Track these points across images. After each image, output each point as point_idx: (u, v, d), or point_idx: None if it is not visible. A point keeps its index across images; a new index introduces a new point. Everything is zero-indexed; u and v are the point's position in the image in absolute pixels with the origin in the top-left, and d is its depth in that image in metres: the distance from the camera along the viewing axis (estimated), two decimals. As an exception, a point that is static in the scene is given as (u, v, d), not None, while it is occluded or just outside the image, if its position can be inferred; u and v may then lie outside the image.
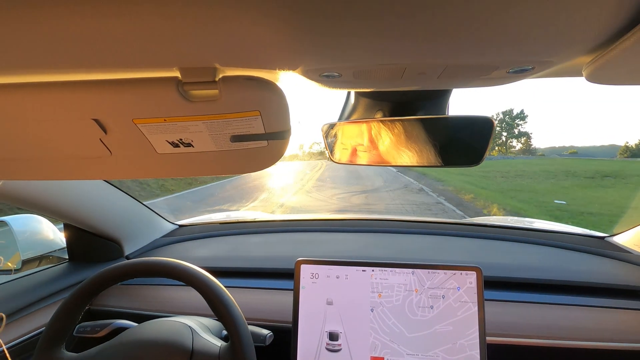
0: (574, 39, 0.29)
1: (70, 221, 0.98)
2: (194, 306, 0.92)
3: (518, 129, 64.72)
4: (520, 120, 64.33)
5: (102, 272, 0.66)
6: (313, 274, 0.76)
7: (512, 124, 64.30)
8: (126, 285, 1.03)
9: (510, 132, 65.51)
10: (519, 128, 64.97)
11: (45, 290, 0.90)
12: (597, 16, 0.26)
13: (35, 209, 0.87)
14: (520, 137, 65.17)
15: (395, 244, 1.14)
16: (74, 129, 0.39)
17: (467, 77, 0.39)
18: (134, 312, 0.95)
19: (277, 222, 1.36)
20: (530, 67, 0.35)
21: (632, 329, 0.78)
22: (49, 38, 0.27)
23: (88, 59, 0.31)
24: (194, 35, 0.27)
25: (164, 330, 0.67)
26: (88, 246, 1.05)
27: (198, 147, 0.42)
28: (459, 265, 0.72)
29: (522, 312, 0.84)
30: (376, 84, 0.43)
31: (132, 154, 0.43)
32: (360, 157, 0.62)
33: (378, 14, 0.25)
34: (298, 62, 0.34)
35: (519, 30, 0.27)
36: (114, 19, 0.25)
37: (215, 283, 0.65)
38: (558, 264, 0.98)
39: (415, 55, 0.32)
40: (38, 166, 0.48)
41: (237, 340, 0.61)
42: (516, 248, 1.09)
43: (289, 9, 0.24)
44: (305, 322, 0.74)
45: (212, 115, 0.37)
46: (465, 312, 0.70)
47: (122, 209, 1.09)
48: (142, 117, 0.37)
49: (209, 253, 1.15)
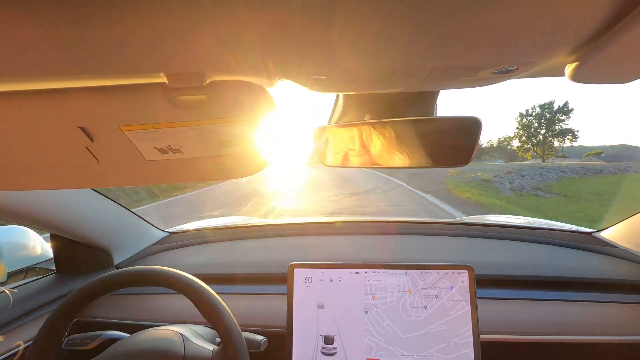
0: (556, 40, 0.30)
1: (57, 231, 0.95)
2: (186, 314, 0.90)
3: (560, 126, 51.20)
4: (563, 115, 50.98)
5: (91, 282, 0.65)
6: (306, 277, 0.76)
7: (553, 119, 51.51)
8: (116, 295, 1.01)
9: (550, 129, 52.18)
10: (561, 124, 51.21)
11: (32, 303, 0.88)
12: (577, 17, 0.26)
13: (20, 220, 0.85)
14: (563, 136, 51.67)
15: (388, 246, 1.15)
16: (59, 138, 0.38)
17: (454, 78, 0.39)
18: (125, 322, 0.93)
19: (269, 226, 1.35)
20: (514, 68, 0.36)
21: (620, 322, 0.80)
22: (32, 45, 0.26)
23: (72, 66, 0.31)
24: (181, 41, 0.27)
25: (154, 340, 0.66)
26: (76, 256, 1.03)
27: (187, 153, 0.41)
28: (451, 265, 0.73)
29: (514, 308, 0.85)
30: (365, 87, 0.43)
31: (119, 161, 0.43)
32: (350, 159, 0.62)
33: (364, 18, 0.25)
34: (286, 66, 0.34)
35: (502, 32, 0.28)
36: (99, 26, 0.24)
37: (203, 287, 0.64)
38: (547, 260, 0.99)
39: (403, 58, 0.32)
40: (22, 176, 0.47)
41: (228, 341, 0.60)
42: (506, 246, 1.10)
43: (277, 15, 0.24)
44: (299, 327, 0.74)
45: (201, 120, 0.36)
46: (459, 310, 0.70)
47: (110, 217, 1.07)
48: (129, 124, 0.36)
49: (201, 260, 1.14)
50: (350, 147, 0.61)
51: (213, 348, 0.65)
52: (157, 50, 0.28)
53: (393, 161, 0.58)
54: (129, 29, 0.25)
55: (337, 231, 1.27)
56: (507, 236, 1.15)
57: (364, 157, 0.60)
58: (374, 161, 0.60)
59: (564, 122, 51.68)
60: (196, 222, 1.54)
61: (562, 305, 0.85)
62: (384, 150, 0.58)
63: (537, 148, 53.03)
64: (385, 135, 0.57)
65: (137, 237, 1.19)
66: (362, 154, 0.60)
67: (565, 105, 50.77)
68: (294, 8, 0.23)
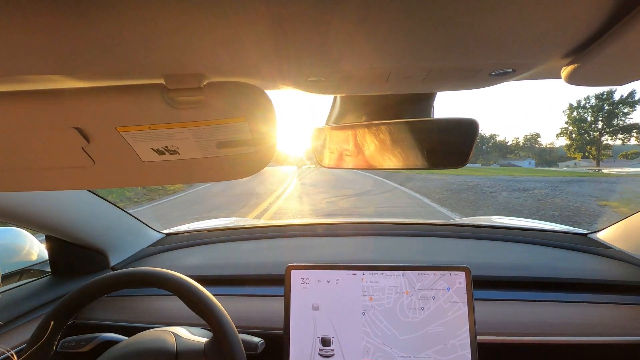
0: (552, 42, 0.30)
1: (52, 233, 0.95)
2: (182, 316, 0.90)
3: (622, 120, 41.54)
4: (627, 107, 40.89)
5: (86, 284, 0.65)
6: (304, 279, 0.76)
7: (614, 112, 42.38)
8: (112, 297, 1.00)
9: (610, 125, 42.57)
10: (624, 119, 41.54)
11: (27, 306, 0.87)
12: (574, 20, 0.27)
13: (14, 221, 0.84)
14: (628, 132, 41.22)
15: (385, 247, 1.15)
16: (55, 139, 0.38)
17: (451, 80, 0.40)
18: (121, 324, 0.92)
19: (267, 227, 1.35)
20: (511, 70, 0.36)
21: (616, 323, 0.81)
22: (29, 45, 0.26)
23: (69, 66, 0.30)
24: (179, 43, 0.27)
25: (147, 340, 0.66)
26: (71, 258, 1.02)
27: (184, 154, 0.41)
28: (448, 266, 0.73)
29: (511, 310, 0.85)
30: (362, 88, 0.43)
31: (116, 162, 0.42)
32: (347, 160, 0.62)
33: (362, 20, 0.25)
34: (284, 67, 0.34)
35: (499, 34, 0.28)
36: (96, 26, 0.24)
37: (191, 283, 0.64)
38: (544, 262, 1.00)
39: (400, 59, 0.33)
40: (18, 177, 0.46)
41: (220, 333, 0.61)
42: (503, 247, 1.11)
43: (274, 16, 0.24)
44: (297, 329, 0.74)
45: (198, 121, 0.36)
46: (456, 312, 0.71)
47: (106, 218, 1.06)
48: (126, 125, 0.36)
49: (198, 261, 1.14)
50: (347, 149, 0.61)
51: (205, 341, 0.65)
52: (154, 51, 0.28)
53: (390, 163, 0.58)
54: (125, 30, 0.25)
55: (334, 232, 1.27)
56: (503, 237, 1.15)
57: (361, 158, 0.60)
58: (371, 163, 0.60)
59: (629, 116, 40.97)
60: (193, 224, 1.54)
61: (559, 306, 0.85)
62: (381, 152, 0.58)
63: (592, 147, 42.28)
64: (382, 137, 0.57)
65: (133, 238, 1.19)
66: (359, 155, 0.60)
67: (631, 96, 39.84)
68: (291, 9, 0.24)
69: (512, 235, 1.15)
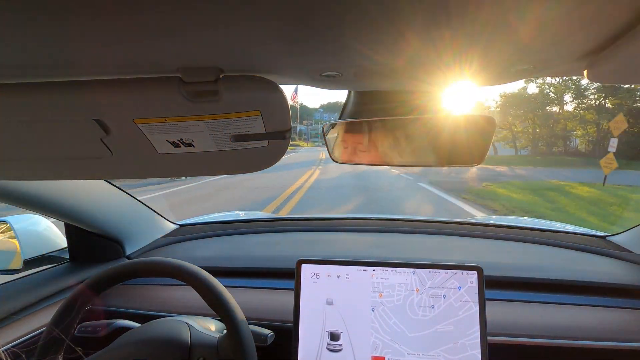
0: (575, 40, 0.29)
1: (71, 221, 0.98)
2: (195, 306, 0.92)
3: None
4: None
5: (103, 272, 0.67)
6: (314, 273, 0.76)
7: None
8: (126, 285, 1.03)
9: None
10: None
11: (47, 291, 0.90)
12: (597, 17, 0.26)
13: (36, 209, 0.87)
14: None
15: (396, 244, 1.14)
16: (76, 130, 0.39)
17: (469, 76, 0.39)
18: (135, 312, 0.95)
19: (278, 221, 1.36)
20: (531, 66, 0.35)
21: (634, 329, 0.78)
22: (50, 38, 0.27)
23: (90, 60, 0.31)
24: (196, 37, 0.27)
25: (161, 329, 0.68)
26: (89, 246, 1.05)
27: (199, 147, 0.42)
28: (459, 265, 0.72)
29: (523, 311, 0.84)
30: (377, 83, 0.43)
31: (133, 154, 0.43)
32: (361, 156, 0.62)
33: (379, 14, 0.25)
34: (299, 62, 0.34)
35: (522, 31, 0.27)
36: (115, 20, 0.25)
37: (206, 276, 0.65)
38: (559, 263, 0.98)
39: (416, 55, 0.32)
40: (39, 167, 0.48)
41: (232, 327, 0.62)
42: (517, 247, 1.09)
43: (290, 10, 0.24)
44: (306, 322, 0.74)
45: (213, 115, 0.37)
46: (467, 311, 0.70)
47: (123, 208, 1.09)
48: (143, 117, 0.37)
49: (210, 253, 1.15)
50: (361, 144, 0.61)
51: (219, 336, 0.66)
52: (173, 45, 0.29)
53: (404, 160, 0.58)
54: (145, 24, 0.25)
55: (345, 228, 1.27)
56: (517, 237, 1.13)
57: (374, 154, 0.60)
58: (385, 159, 0.60)
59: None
60: (206, 216, 1.56)
61: (573, 309, 0.83)
62: (395, 148, 0.58)
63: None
64: (397, 133, 0.56)
65: (148, 228, 1.21)
66: (372, 151, 0.60)
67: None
68: (307, 3, 0.23)
69: (527, 236, 1.13)
